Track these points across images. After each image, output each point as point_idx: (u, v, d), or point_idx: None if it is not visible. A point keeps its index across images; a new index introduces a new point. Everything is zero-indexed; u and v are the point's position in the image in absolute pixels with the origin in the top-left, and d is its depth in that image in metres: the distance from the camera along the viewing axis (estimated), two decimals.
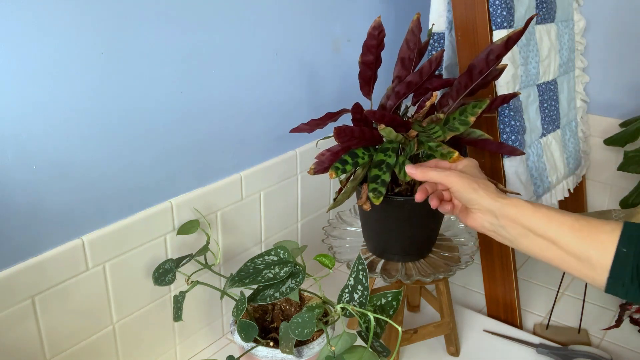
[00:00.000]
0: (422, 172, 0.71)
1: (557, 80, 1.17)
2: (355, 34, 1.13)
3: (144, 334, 0.87)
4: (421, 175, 0.71)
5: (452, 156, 0.73)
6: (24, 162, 0.67)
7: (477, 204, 0.67)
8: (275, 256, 0.76)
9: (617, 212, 0.99)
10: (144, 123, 0.79)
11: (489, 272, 1.08)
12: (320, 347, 0.77)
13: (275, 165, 1.03)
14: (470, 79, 0.79)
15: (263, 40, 0.94)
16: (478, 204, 0.67)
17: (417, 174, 0.72)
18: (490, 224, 0.67)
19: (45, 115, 0.68)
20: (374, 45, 0.85)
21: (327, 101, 1.12)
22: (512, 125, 1.00)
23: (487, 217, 0.67)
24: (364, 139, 0.80)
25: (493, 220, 0.67)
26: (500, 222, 0.66)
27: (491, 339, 1.02)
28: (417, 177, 0.72)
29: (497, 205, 0.66)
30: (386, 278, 0.87)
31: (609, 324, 1.07)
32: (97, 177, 0.76)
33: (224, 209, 0.94)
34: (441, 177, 0.69)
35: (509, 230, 0.65)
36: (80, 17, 0.68)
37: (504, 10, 0.95)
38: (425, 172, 0.71)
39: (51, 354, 0.75)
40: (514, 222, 0.65)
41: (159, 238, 0.85)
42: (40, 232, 0.71)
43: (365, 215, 0.89)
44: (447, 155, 0.73)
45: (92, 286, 0.78)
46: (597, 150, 1.35)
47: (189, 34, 0.82)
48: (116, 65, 0.74)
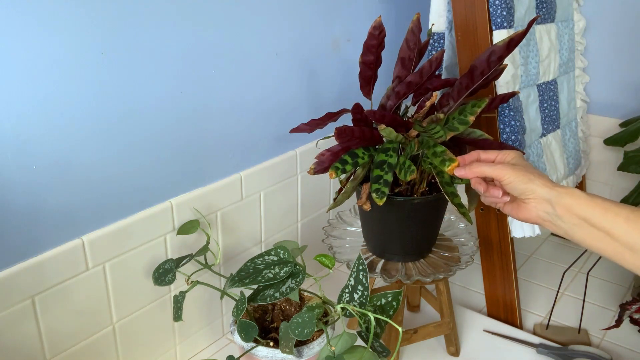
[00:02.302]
0: (472, 170, 0.71)
1: (557, 80, 1.17)
2: (355, 34, 1.13)
3: (144, 334, 0.87)
4: (472, 173, 0.71)
5: (452, 164, 0.73)
6: (24, 162, 0.67)
7: (533, 193, 0.67)
8: (275, 256, 0.76)
9: None
10: (144, 123, 0.79)
11: (489, 272, 1.08)
12: (320, 347, 0.78)
13: (275, 165, 1.03)
14: (471, 80, 0.79)
15: (263, 40, 0.94)
16: (534, 193, 0.66)
17: (467, 174, 0.71)
18: (546, 213, 0.66)
19: (46, 115, 0.68)
20: (374, 45, 0.85)
21: (327, 101, 1.12)
22: (512, 125, 1.00)
23: (543, 206, 0.66)
24: (364, 139, 0.80)
25: (549, 209, 0.66)
26: (556, 211, 0.65)
27: (491, 339, 1.02)
28: (467, 177, 0.71)
29: (554, 193, 0.65)
30: (386, 278, 0.87)
31: (609, 324, 1.07)
32: (97, 177, 0.76)
33: (224, 209, 0.94)
34: (493, 170, 0.69)
35: (565, 219, 0.65)
36: (81, 17, 0.68)
37: (504, 11, 0.95)
38: (475, 169, 0.70)
39: (51, 354, 0.75)
40: (569, 211, 0.64)
41: (159, 238, 0.85)
42: (40, 232, 0.71)
43: (365, 215, 0.89)
44: (447, 163, 0.73)
45: (92, 286, 0.78)
46: (597, 150, 1.35)
47: (189, 34, 0.82)
48: (117, 65, 0.74)
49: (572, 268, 1.22)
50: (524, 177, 0.67)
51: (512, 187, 0.68)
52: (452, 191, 0.78)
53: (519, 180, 0.67)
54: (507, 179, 0.68)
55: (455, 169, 0.72)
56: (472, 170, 0.71)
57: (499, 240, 1.04)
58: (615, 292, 1.20)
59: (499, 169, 0.68)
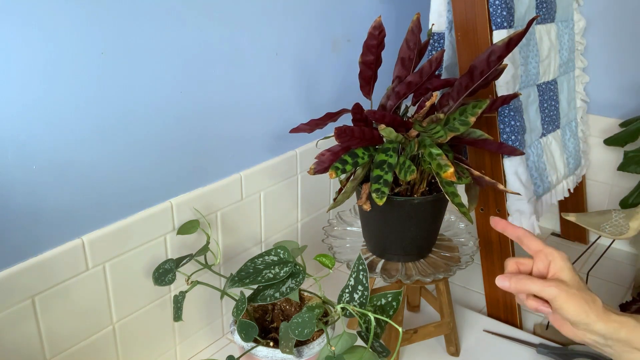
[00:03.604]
0: (517, 284, 0.63)
1: (557, 80, 1.17)
2: (355, 34, 1.13)
3: (144, 334, 0.87)
4: (515, 287, 0.63)
5: (448, 171, 0.72)
6: (24, 162, 0.67)
7: (587, 327, 0.61)
8: (275, 256, 0.76)
9: (617, 212, 0.99)
10: (144, 123, 0.79)
11: (489, 272, 1.08)
12: (320, 347, 0.77)
13: (275, 165, 1.03)
14: (471, 80, 0.79)
15: (263, 40, 0.94)
16: (588, 327, 0.61)
17: (510, 286, 0.64)
18: (594, 341, 0.62)
19: (46, 115, 0.68)
20: (374, 45, 0.85)
21: (327, 101, 1.12)
22: (512, 125, 1.00)
23: (595, 337, 0.61)
24: (364, 139, 0.80)
25: (601, 340, 0.61)
26: (607, 342, 0.61)
27: (491, 339, 1.02)
28: (510, 290, 0.64)
29: (610, 330, 0.60)
30: (386, 278, 0.87)
31: None
32: (97, 177, 0.76)
33: (224, 209, 0.94)
34: (543, 291, 0.61)
35: (615, 348, 0.61)
36: (81, 17, 0.68)
37: (504, 10, 0.95)
38: (522, 284, 0.63)
39: (51, 354, 0.75)
40: (625, 344, 0.60)
41: (159, 238, 0.85)
42: (40, 232, 0.71)
43: (365, 215, 0.89)
44: (442, 169, 0.73)
45: (92, 286, 0.78)
46: (597, 150, 1.35)
47: (189, 34, 0.82)
48: (117, 65, 0.74)
49: None
50: (580, 308, 0.60)
51: (564, 314, 0.61)
52: (452, 191, 0.78)
53: (573, 312, 0.61)
54: (563, 308, 0.61)
55: (498, 280, 0.64)
56: (517, 287, 0.63)
57: (499, 240, 1.04)
58: (615, 292, 1.20)
59: (551, 291, 0.61)
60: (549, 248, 0.65)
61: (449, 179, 0.74)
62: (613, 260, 1.32)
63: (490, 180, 0.81)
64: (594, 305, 0.61)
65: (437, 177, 0.78)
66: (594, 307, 0.61)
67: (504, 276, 0.64)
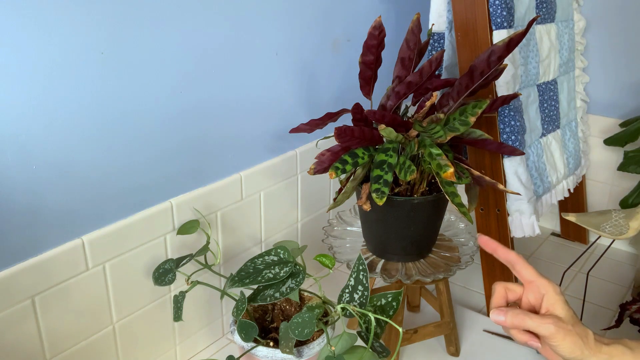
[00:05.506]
0: (514, 320, 0.62)
1: (557, 80, 1.17)
2: (355, 34, 1.13)
3: (144, 334, 0.87)
4: (512, 322, 0.62)
5: (447, 171, 0.72)
6: (24, 162, 0.67)
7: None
8: (275, 256, 0.76)
9: (617, 212, 0.99)
10: (144, 123, 0.79)
11: (489, 272, 1.08)
12: (320, 347, 0.77)
13: (275, 165, 1.03)
14: (471, 80, 0.79)
15: (263, 40, 0.94)
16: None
17: (506, 321, 0.62)
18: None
19: (45, 115, 0.68)
20: (374, 45, 0.85)
21: (327, 101, 1.12)
22: (512, 125, 1.00)
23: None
24: (364, 139, 0.80)
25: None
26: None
27: (491, 339, 1.02)
28: (506, 324, 0.63)
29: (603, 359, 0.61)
30: (386, 278, 0.87)
31: (609, 324, 1.07)
32: (97, 177, 0.76)
33: (224, 209, 0.94)
34: (538, 327, 0.61)
35: None
36: (80, 17, 0.68)
37: (504, 11, 0.95)
38: (517, 320, 0.62)
39: (51, 354, 0.75)
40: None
41: (159, 238, 0.85)
42: (40, 232, 0.71)
43: (365, 215, 0.89)
44: (442, 169, 0.73)
45: (92, 286, 0.78)
46: (597, 150, 1.35)
47: (189, 34, 0.82)
48: (116, 64, 0.74)
49: (572, 268, 1.22)
50: (574, 345, 0.60)
51: (559, 351, 0.61)
52: (452, 191, 0.78)
53: (569, 349, 0.60)
54: (556, 343, 0.60)
55: (492, 314, 0.63)
56: (514, 322, 0.62)
57: (499, 240, 1.04)
58: (615, 292, 1.20)
59: (549, 329, 0.60)
60: (541, 279, 0.64)
61: (449, 179, 0.74)
62: (613, 260, 1.32)
63: (490, 180, 0.81)
64: (587, 340, 0.61)
65: (437, 177, 0.78)
66: (587, 342, 0.61)
67: (499, 310, 0.63)
